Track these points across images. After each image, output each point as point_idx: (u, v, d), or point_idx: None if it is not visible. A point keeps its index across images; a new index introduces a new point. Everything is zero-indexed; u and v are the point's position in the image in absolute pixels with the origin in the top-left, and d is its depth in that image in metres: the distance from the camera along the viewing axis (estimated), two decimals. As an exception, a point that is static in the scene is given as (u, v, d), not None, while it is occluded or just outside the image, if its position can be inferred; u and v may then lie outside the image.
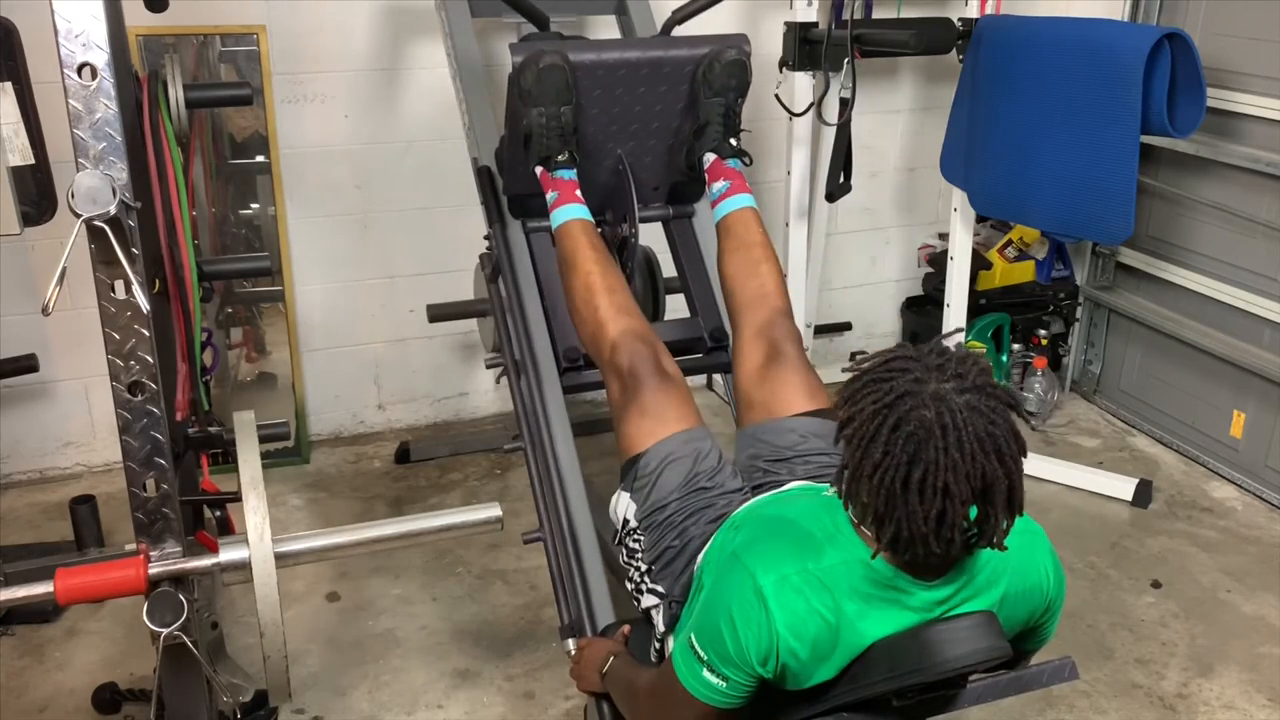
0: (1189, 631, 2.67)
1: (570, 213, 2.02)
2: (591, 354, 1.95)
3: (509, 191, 2.26)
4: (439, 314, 2.93)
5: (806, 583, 1.29)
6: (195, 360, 2.17)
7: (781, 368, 1.82)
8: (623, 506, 1.73)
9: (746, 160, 2.13)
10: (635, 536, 1.70)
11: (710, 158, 2.13)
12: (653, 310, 2.81)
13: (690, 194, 2.36)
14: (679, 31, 2.61)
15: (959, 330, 3.19)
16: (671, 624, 1.63)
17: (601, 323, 1.86)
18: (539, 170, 2.09)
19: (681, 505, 1.64)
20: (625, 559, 1.73)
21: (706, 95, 2.11)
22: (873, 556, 1.27)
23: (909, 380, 1.21)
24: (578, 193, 2.05)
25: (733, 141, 2.12)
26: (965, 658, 1.29)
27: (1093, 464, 3.46)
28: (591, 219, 2.04)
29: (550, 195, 2.06)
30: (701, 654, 1.34)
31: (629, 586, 1.73)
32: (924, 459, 1.18)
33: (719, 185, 2.09)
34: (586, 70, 2.04)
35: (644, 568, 1.68)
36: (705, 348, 2.27)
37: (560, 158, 2.06)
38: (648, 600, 1.67)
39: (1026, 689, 1.55)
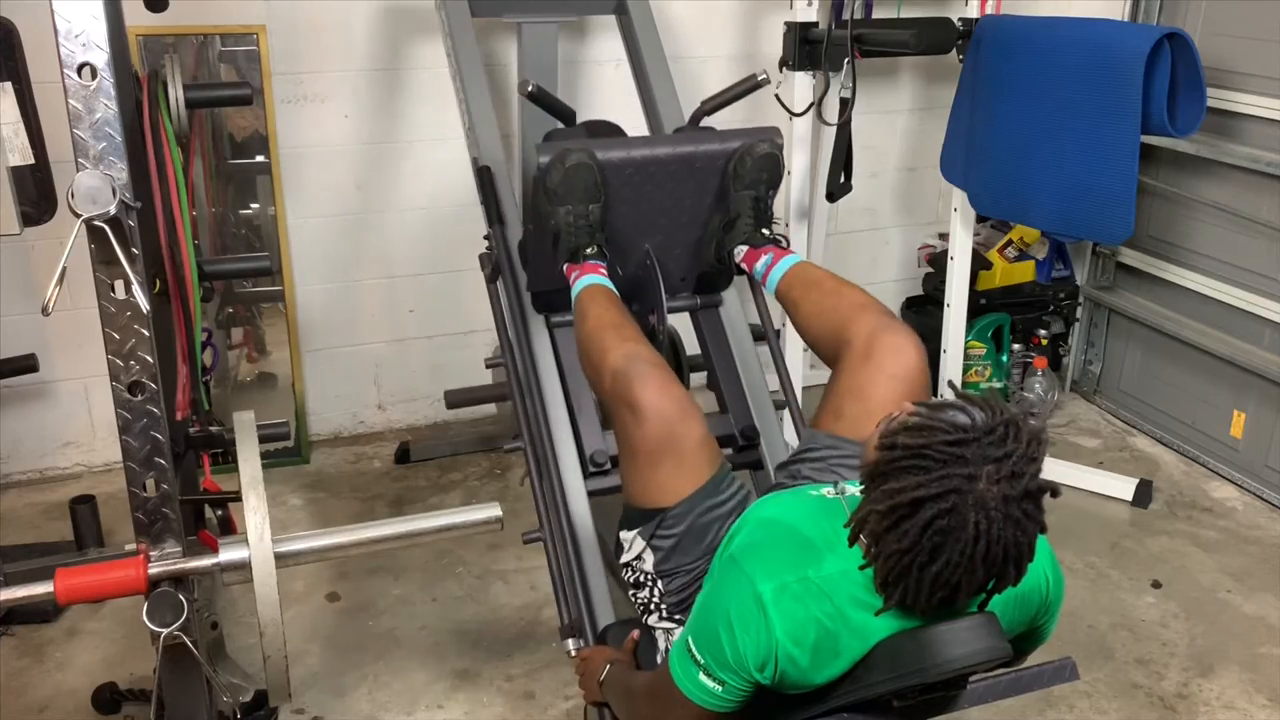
0: (1189, 631, 2.67)
1: (592, 279, 1.93)
2: (598, 390, 1.83)
3: (533, 288, 2.18)
4: (458, 400, 2.90)
5: (806, 590, 1.28)
6: (195, 360, 2.17)
7: (883, 391, 1.67)
8: (637, 547, 1.66)
9: (784, 244, 2.04)
10: (650, 576, 1.66)
11: (743, 250, 2.04)
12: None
13: (718, 283, 2.29)
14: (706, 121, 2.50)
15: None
16: None
17: (605, 350, 1.74)
18: (567, 266, 2.00)
19: (709, 562, 1.56)
20: (631, 584, 1.69)
21: (737, 189, 2.03)
22: (878, 614, 1.27)
23: (961, 475, 1.16)
24: (603, 269, 1.97)
25: (765, 231, 2.04)
26: (966, 658, 1.29)
27: (1093, 464, 3.46)
28: (614, 287, 1.94)
29: (573, 275, 1.98)
30: (699, 658, 1.33)
31: (636, 605, 1.70)
32: (945, 557, 1.18)
33: (761, 262, 2.00)
34: (615, 169, 1.98)
35: (664, 606, 1.65)
36: (737, 445, 2.19)
37: (589, 251, 1.97)
38: (662, 623, 1.66)
39: (1027, 689, 1.55)
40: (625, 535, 1.68)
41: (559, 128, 2.29)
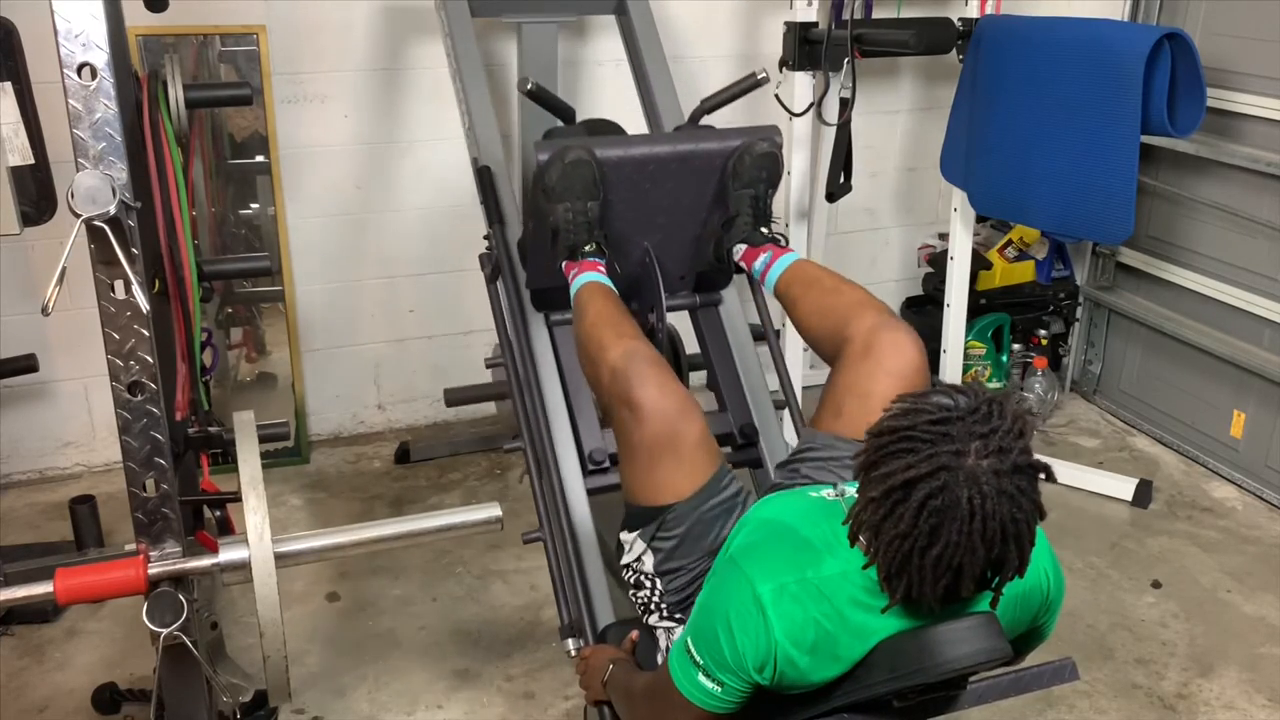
0: (1189, 631, 2.67)
1: (590, 277, 1.93)
2: (596, 388, 1.82)
3: (532, 285, 2.18)
4: (457, 398, 2.89)
5: (805, 591, 1.28)
6: (195, 360, 2.17)
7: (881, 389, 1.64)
8: (637, 549, 1.65)
9: (783, 242, 2.04)
10: (650, 577, 1.66)
11: (741, 248, 2.04)
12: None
13: (717, 281, 2.29)
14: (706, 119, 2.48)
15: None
16: None
17: (604, 348, 1.73)
18: (566, 264, 2.00)
19: (710, 562, 1.57)
20: (631, 584, 1.69)
21: (736, 187, 2.03)
22: (884, 610, 1.27)
23: (949, 452, 1.17)
24: (601, 267, 1.97)
25: (764, 230, 2.03)
26: (966, 659, 1.29)
27: (1093, 464, 3.46)
28: (612, 285, 1.94)
29: (571, 273, 1.98)
30: (698, 659, 1.33)
31: (636, 605, 1.70)
32: (944, 538, 1.18)
33: (760, 260, 1.99)
34: (614, 166, 1.98)
35: (664, 606, 1.65)
36: (736, 444, 2.19)
37: (587, 248, 1.97)
38: (662, 623, 1.66)
39: (1027, 689, 1.55)
40: (625, 537, 1.67)
41: (559, 126, 2.29)
